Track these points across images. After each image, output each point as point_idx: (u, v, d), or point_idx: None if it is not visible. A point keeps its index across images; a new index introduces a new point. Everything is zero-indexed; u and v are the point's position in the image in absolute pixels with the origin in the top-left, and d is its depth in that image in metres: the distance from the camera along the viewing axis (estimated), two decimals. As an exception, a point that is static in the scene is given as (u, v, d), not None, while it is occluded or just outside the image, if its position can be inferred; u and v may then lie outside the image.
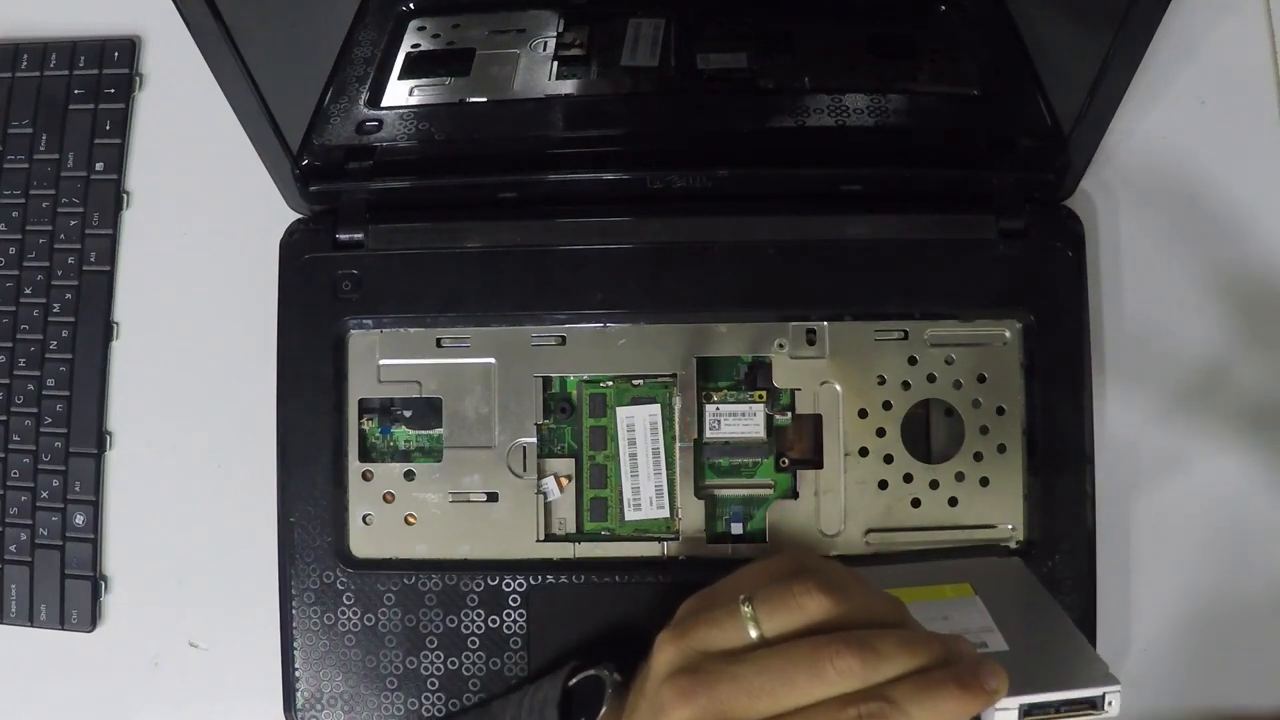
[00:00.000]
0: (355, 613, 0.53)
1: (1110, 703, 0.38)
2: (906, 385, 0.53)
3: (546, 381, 0.54)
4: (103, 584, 0.58)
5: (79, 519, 0.57)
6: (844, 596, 0.37)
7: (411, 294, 0.54)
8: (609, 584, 0.53)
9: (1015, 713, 0.37)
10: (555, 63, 0.57)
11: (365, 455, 0.55)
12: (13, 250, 0.59)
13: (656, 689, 0.38)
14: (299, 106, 0.53)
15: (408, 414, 0.55)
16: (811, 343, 0.54)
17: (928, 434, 0.54)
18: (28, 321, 0.59)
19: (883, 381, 0.53)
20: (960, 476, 0.53)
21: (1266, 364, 0.56)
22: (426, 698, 0.53)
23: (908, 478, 0.53)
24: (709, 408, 0.54)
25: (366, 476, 0.54)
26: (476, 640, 0.53)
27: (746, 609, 0.37)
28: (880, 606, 0.38)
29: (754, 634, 0.37)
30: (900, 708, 0.35)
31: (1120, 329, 0.56)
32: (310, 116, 0.54)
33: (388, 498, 0.54)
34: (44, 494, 0.58)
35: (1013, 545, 0.52)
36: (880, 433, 0.53)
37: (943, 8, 0.57)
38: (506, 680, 0.53)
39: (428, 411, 0.55)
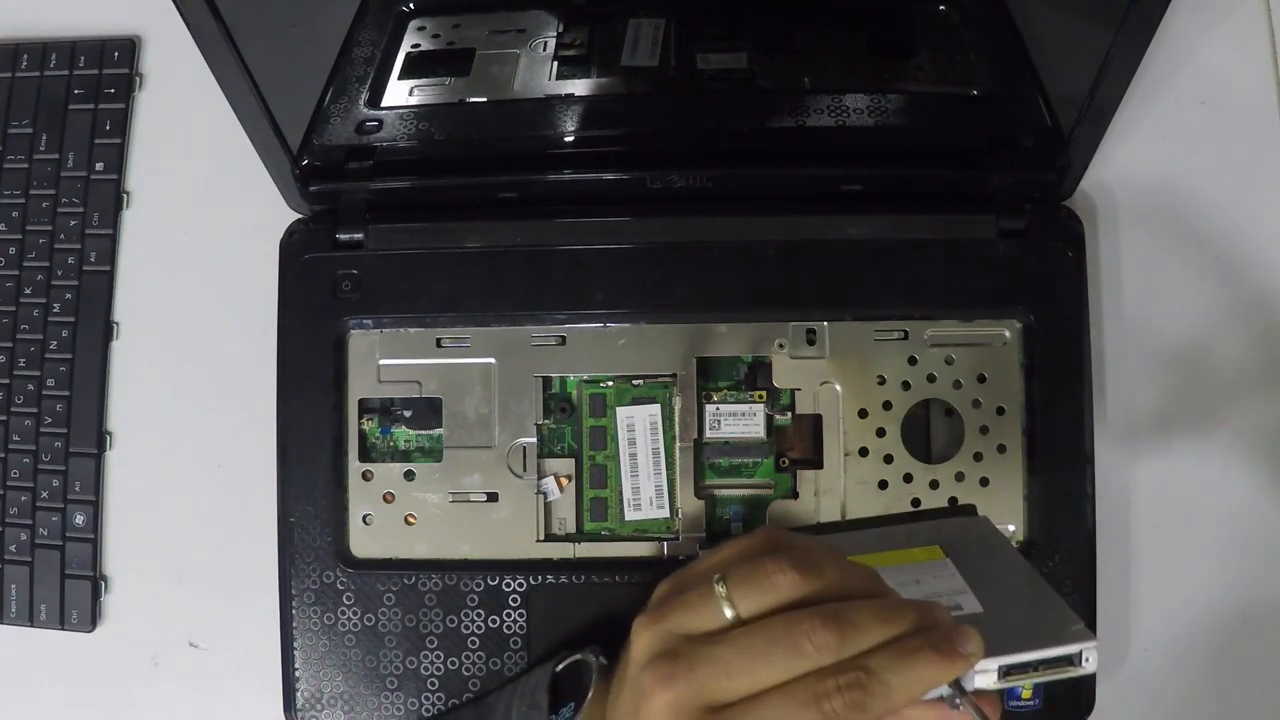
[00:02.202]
0: (355, 613, 0.53)
1: (1087, 659, 0.38)
2: (906, 385, 0.53)
3: (546, 381, 0.54)
4: (103, 584, 0.58)
5: (79, 519, 0.57)
6: (817, 572, 0.37)
7: (411, 294, 0.54)
8: (609, 584, 0.53)
9: (995, 674, 0.37)
10: (555, 63, 0.57)
11: (365, 455, 0.55)
12: (13, 250, 0.59)
13: (637, 675, 0.38)
14: (299, 106, 0.53)
15: (408, 414, 0.55)
16: (811, 343, 0.54)
17: (928, 434, 0.54)
18: (28, 321, 0.59)
19: (883, 381, 0.53)
20: (960, 476, 0.53)
21: (1267, 363, 0.56)
22: (426, 698, 0.53)
23: (908, 478, 0.53)
24: (709, 408, 0.54)
25: (366, 476, 0.54)
26: (476, 640, 0.53)
27: (720, 589, 0.37)
28: (854, 578, 0.38)
29: (729, 614, 0.37)
30: (878, 677, 0.35)
31: (1120, 329, 0.56)
32: (310, 116, 0.54)
33: (388, 498, 0.54)
34: (44, 494, 0.58)
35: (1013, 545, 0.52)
36: (880, 433, 0.53)
37: (942, 8, 0.57)
38: (509, 679, 0.53)
39: (428, 411, 0.55)
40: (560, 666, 0.49)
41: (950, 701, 0.37)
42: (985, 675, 0.37)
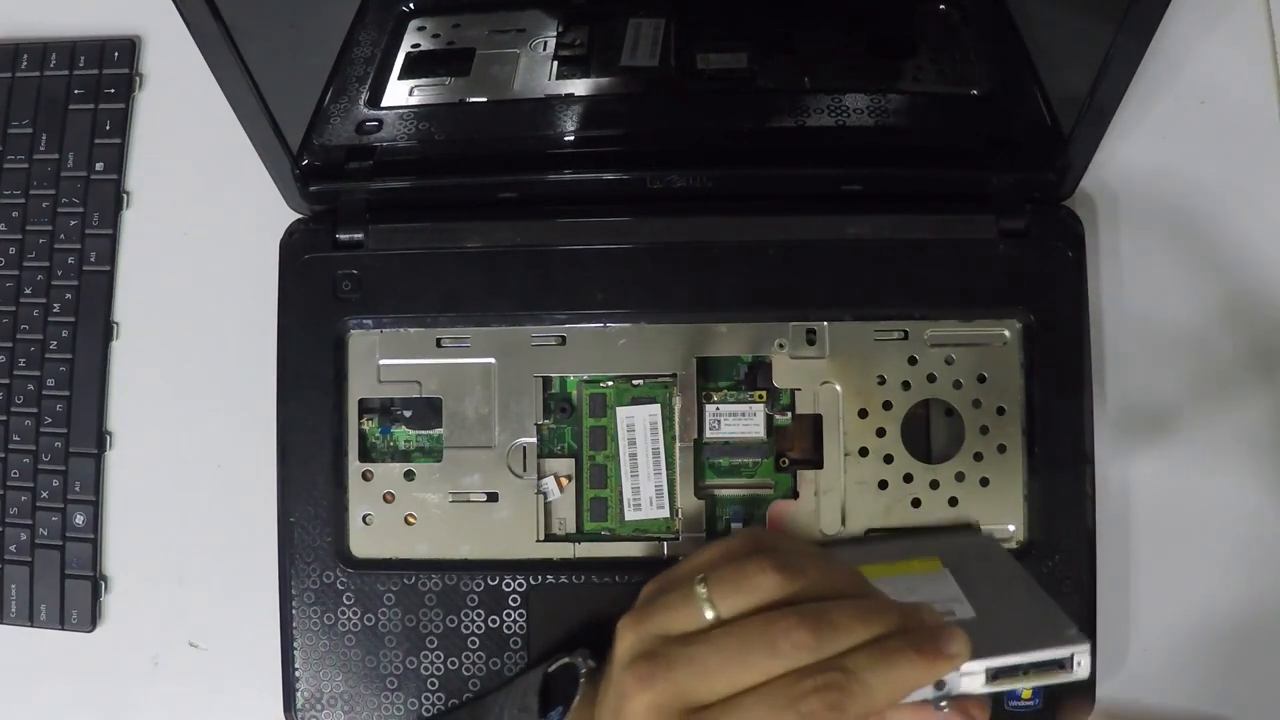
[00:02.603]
0: (355, 613, 0.53)
1: (1079, 663, 0.37)
2: (906, 385, 0.53)
3: (546, 381, 0.54)
4: (103, 584, 0.58)
5: (79, 519, 0.57)
6: (799, 572, 0.37)
7: (411, 294, 0.54)
8: (609, 584, 0.53)
9: (982, 676, 0.36)
10: (555, 63, 0.57)
11: (365, 455, 0.55)
12: (13, 250, 0.59)
13: (619, 675, 0.38)
14: (299, 106, 0.53)
15: (408, 414, 0.55)
16: (811, 343, 0.54)
17: (928, 434, 0.54)
18: (28, 321, 0.59)
19: (883, 381, 0.53)
20: (960, 476, 0.53)
21: (1267, 363, 0.56)
22: (426, 698, 0.53)
23: (908, 478, 0.53)
24: (709, 408, 0.54)
25: (366, 476, 0.54)
26: (476, 640, 0.53)
27: (701, 590, 0.37)
28: (838, 578, 0.38)
29: (710, 615, 0.37)
30: (857, 677, 0.35)
31: (1120, 329, 0.56)
32: (310, 116, 0.54)
33: (388, 498, 0.54)
34: (44, 494, 0.58)
35: (1013, 545, 0.52)
36: (880, 433, 0.53)
37: (942, 8, 0.57)
38: (506, 680, 0.53)
39: (428, 411, 0.55)
40: (551, 669, 0.49)
41: (936, 704, 0.36)
42: (972, 678, 0.36)
